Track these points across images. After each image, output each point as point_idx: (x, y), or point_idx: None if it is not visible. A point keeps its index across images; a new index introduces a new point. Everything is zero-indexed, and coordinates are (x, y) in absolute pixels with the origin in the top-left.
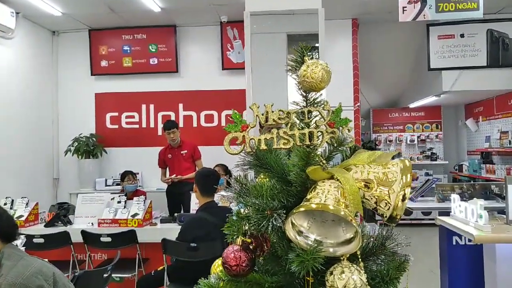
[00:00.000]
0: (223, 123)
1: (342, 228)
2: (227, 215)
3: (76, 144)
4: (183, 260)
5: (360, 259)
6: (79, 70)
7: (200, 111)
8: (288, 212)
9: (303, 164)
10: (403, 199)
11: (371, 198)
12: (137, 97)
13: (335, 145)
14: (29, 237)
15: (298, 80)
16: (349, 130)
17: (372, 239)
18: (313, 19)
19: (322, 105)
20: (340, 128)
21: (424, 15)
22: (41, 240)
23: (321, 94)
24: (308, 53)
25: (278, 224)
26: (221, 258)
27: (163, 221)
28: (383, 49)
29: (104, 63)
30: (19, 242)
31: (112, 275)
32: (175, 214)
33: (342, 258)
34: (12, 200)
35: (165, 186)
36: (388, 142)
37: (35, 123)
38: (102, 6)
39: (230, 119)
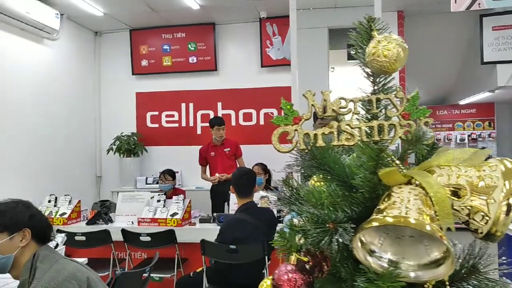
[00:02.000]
0: (261, 122)
1: (425, 246)
2: (267, 216)
3: (118, 142)
4: (222, 262)
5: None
6: (121, 70)
7: (238, 109)
8: (355, 225)
9: (373, 165)
10: (508, 212)
11: (462, 209)
12: (177, 96)
13: (411, 141)
14: (71, 235)
15: (366, 59)
16: (427, 123)
17: (460, 260)
18: (357, 12)
19: (394, 92)
20: (417, 120)
21: (479, 3)
22: (83, 238)
23: (393, 78)
24: (376, 27)
25: (345, 242)
26: (269, 279)
27: (202, 220)
28: (430, 42)
29: (144, 63)
30: (60, 240)
31: (152, 274)
32: (214, 214)
33: (426, 286)
34: (56, 198)
35: (204, 184)
36: (436, 141)
37: (78, 122)
38: (141, 5)
39: (271, 114)
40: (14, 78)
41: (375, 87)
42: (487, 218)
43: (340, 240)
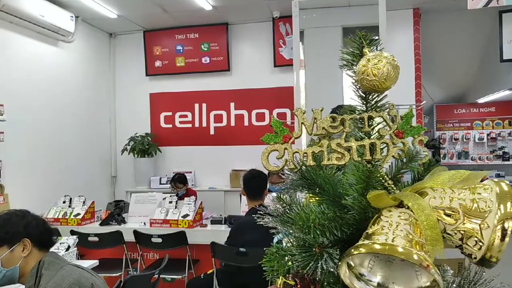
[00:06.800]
0: None
1: (415, 271)
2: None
3: (132, 143)
4: (232, 265)
5: None
6: (135, 71)
7: (251, 109)
8: (342, 248)
9: (363, 186)
10: (503, 237)
11: (455, 234)
12: (190, 97)
13: (405, 160)
14: (85, 236)
15: (356, 78)
16: (422, 141)
17: (454, 285)
18: (371, 10)
19: (387, 109)
20: (411, 138)
21: (497, 0)
22: (96, 239)
23: (385, 95)
24: (369, 44)
25: (329, 268)
26: None
27: (213, 222)
28: (448, 40)
29: (158, 64)
30: (72, 242)
31: (164, 275)
32: (226, 216)
33: None
34: (70, 199)
35: (217, 184)
36: (453, 141)
37: (93, 122)
38: (154, 7)
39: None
40: (30, 80)
41: (368, 105)
42: (481, 243)
43: (325, 267)
